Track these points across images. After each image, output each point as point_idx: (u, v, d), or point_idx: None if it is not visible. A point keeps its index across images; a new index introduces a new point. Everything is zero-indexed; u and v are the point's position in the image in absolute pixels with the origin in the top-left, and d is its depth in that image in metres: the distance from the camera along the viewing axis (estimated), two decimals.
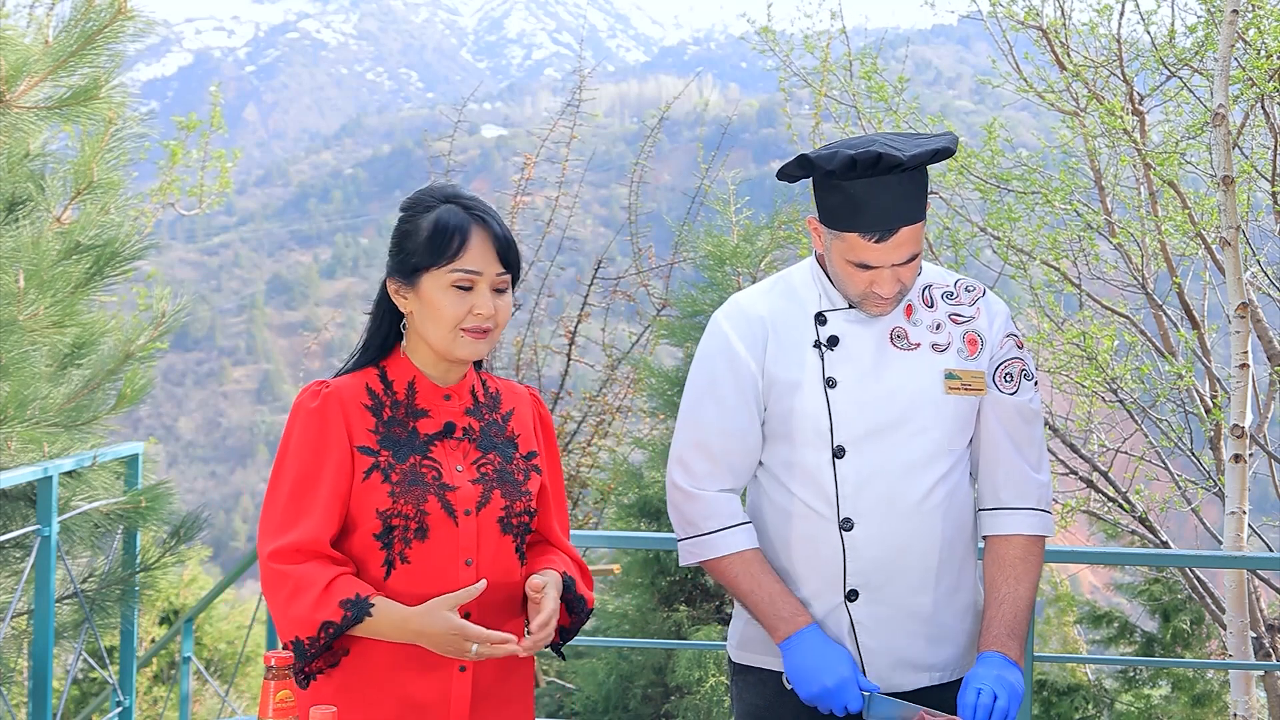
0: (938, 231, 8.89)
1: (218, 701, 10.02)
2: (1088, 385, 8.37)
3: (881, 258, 2.42)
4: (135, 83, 5.48)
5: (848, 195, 2.39)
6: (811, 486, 2.49)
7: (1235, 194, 5.97)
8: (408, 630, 2.18)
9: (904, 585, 2.49)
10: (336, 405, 2.27)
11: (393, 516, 2.23)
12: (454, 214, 2.28)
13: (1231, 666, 6.24)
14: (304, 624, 2.16)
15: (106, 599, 5.08)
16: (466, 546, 2.27)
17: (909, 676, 2.53)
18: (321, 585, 2.16)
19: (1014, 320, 2.63)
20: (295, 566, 2.18)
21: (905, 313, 2.54)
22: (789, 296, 2.58)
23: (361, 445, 2.26)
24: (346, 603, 2.16)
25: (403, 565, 2.24)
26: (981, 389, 2.54)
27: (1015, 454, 2.56)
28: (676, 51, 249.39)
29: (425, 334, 2.29)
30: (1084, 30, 8.64)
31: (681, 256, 8.13)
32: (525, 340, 8.12)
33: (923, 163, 2.40)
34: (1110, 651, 9.01)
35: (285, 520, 2.22)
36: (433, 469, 2.27)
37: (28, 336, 4.82)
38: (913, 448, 2.48)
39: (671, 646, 5.62)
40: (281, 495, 2.25)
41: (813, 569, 2.51)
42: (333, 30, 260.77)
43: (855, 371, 2.50)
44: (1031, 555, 2.55)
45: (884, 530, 2.47)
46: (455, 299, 2.26)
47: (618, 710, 6.30)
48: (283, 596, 2.17)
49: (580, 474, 7.68)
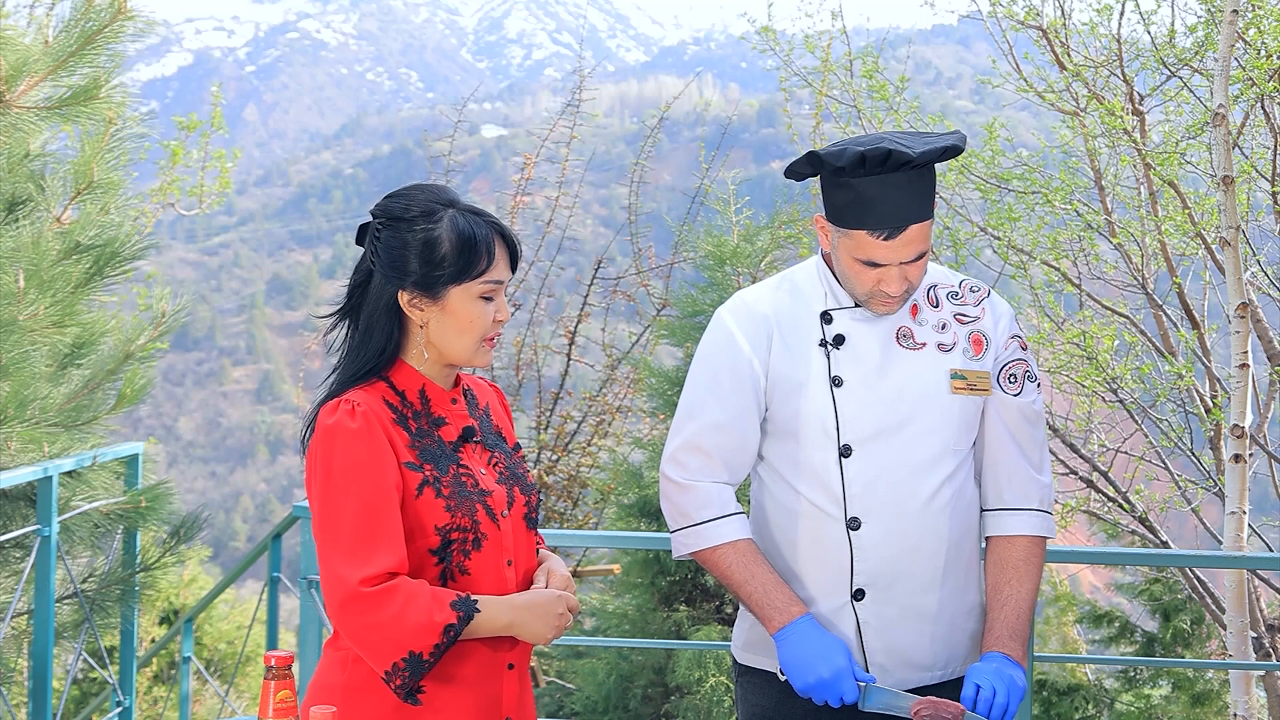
0: (938, 231, 8.88)
1: (218, 701, 10.02)
2: (1088, 385, 8.37)
3: (890, 255, 2.41)
4: (135, 83, 5.49)
5: (857, 193, 2.39)
6: (818, 486, 2.49)
7: (1235, 194, 5.97)
8: (516, 609, 2.21)
9: (911, 585, 2.49)
10: (377, 423, 2.20)
11: (452, 530, 2.21)
12: (473, 224, 2.25)
13: (1231, 666, 6.24)
14: (425, 632, 2.11)
15: (106, 599, 5.09)
16: (508, 547, 2.29)
17: (913, 675, 2.54)
18: (427, 592, 2.13)
19: (1017, 321, 2.63)
20: (391, 584, 2.12)
21: (911, 312, 2.54)
22: (794, 295, 2.56)
23: (406, 461, 2.21)
24: (455, 603, 2.14)
25: (462, 577, 2.22)
26: (987, 389, 2.53)
27: (1018, 455, 2.56)
28: (676, 51, 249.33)
29: (445, 344, 2.26)
30: (1084, 30, 8.63)
31: (681, 256, 8.13)
32: (525, 340, 8.11)
33: (932, 160, 2.39)
34: (1110, 651, 9.01)
35: (367, 549, 2.12)
36: (469, 476, 2.26)
37: (28, 336, 4.83)
38: (919, 447, 2.48)
39: (671, 646, 5.62)
40: (348, 523, 2.14)
41: (819, 568, 2.51)
42: (333, 30, 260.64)
43: (861, 371, 2.49)
44: (1034, 556, 2.56)
45: (891, 530, 2.47)
46: (482, 310, 2.25)
47: (618, 710, 6.30)
48: (391, 613, 2.09)
49: (580, 474, 7.68)
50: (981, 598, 2.62)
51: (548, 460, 7.64)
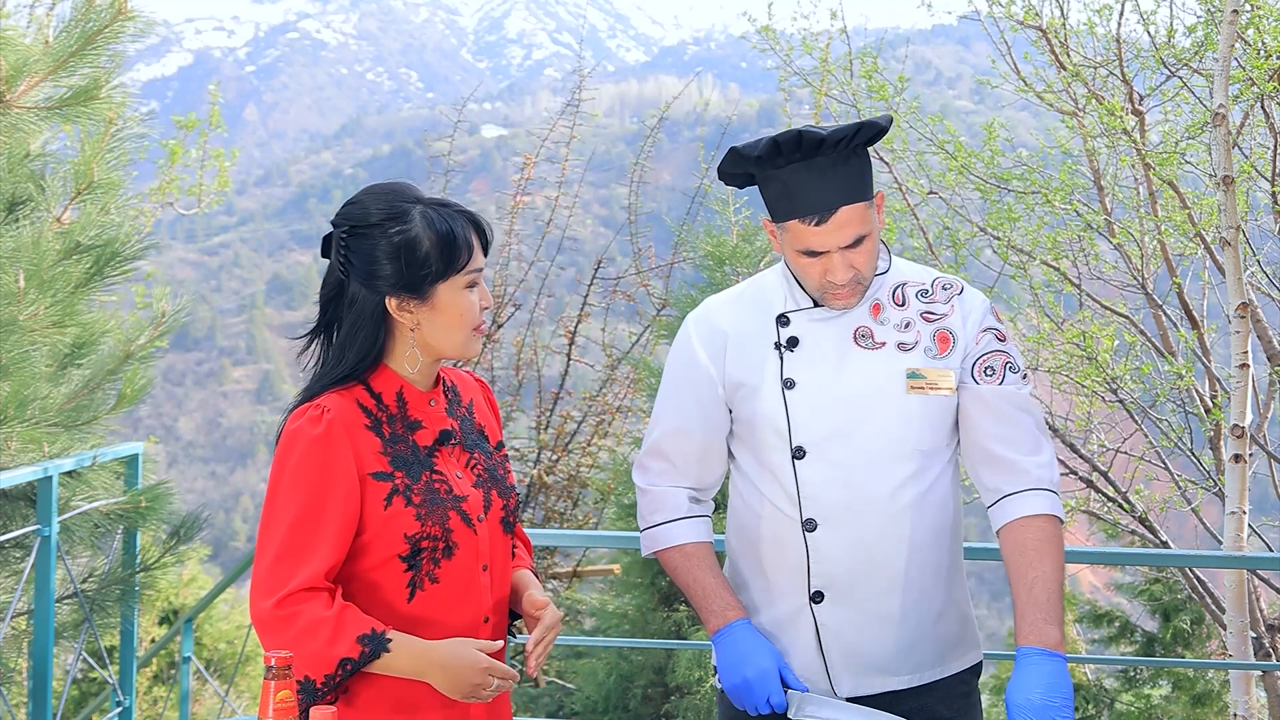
0: (937, 231, 8.89)
1: (218, 701, 10.02)
2: (1088, 385, 8.37)
3: (826, 241, 2.39)
4: (135, 83, 5.48)
5: (783, 183, 2.40)
6: (777, 488, 2.48)
7: (1235, 194, 5.97)
8: (429, 660, 2.12)
9: (871, 588, 2.45)
10: (341, 431, 2.15)
11: (422, 539, 2.17)
12: (447, 218, 2.21)
13: (1231, 666, 6.24)
14: (320, 661, 2.08)
15: (106, 599, 5.08)
16: (483, 553, 2.26)
17: (877, 680, 2.49)
18: (333, 621, 2.08)
19: (995, 314, 2.56)
20: (300, 606, 2.08)
21: (872, 312, 2.51)
22: (756, 300, 2.58)
23: (375, 471, 2.16)
24: (363, 638, 2.09)
25: (431, 585, 2.19)
26: (950, 389, 2.47)
27: (1000, 444, 2.47)
28: (676, 51, 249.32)
29: (438, 341, 2.23)
30: (1083, 30, 8.64)
31: (681, 256, 8.12)
32: (525, 340, 8.11)
33: (846, 138, 2.37)
34: (1110, 651, 9.02)
35: (289, 565, 2.10)
36: (442, 482, 2.22)
37: (28, 336, 4.82)
38: (876, 448, 2.44)
39: (671, 646, 5.62)
40: (279, 535, 2.12)
41: (780, 570, 2.50)
42: (333, 30, 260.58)
43: (814, 372, 2.48)
44: (1047, 534, 2.42)
45: (847, 532, 2.44)
46: (469, 300, 2.23)
47: (618, 710, 6.30)
48: (290, 636, 2.07)
49: (580, 474, 7.67)
50: (953, 602, 2.55)
51: (548, 460, 7.64)
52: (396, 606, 2.19)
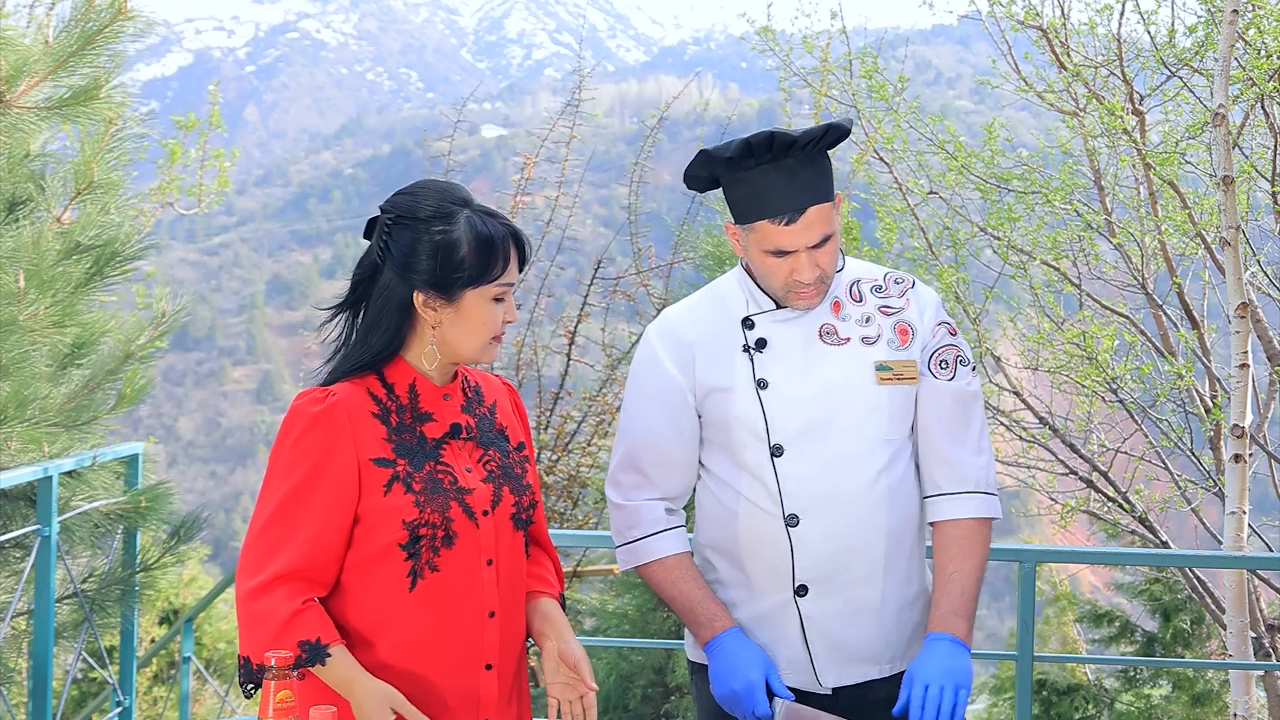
0: (937, 231, 8.89)
1: (218, 701, 10.03)
2: (1088, 385, 8.37)
3: (795, 240, 2.45)
4: (135, 83, 5.48)
5: (752, 185, 2.45)
6: (757, 485, 2.52)
7: (1235, 194, 5.97)
8: (350, 689, 2.13)
9: (851, 578, 2.51)
10: (344, 415, 2.19)
11: (420, 526, 2.20)
12: (491, 227, 2.24)
13: (1231, 666, 6.24)
14: (257, 651, 2.12)
15: (106, 599, 5.08)
16: (487, 547, 2.27)
17: (861, 669, 2.55)
18: (284, 619, 2.12)
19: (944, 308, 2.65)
20: (266, 596, 2.13)
21: (833, 309, 2.57)
22: (716, 307, 2.61)
23: (377, 457, 2.20)
24: (305, 644, 2.12)
25: (431, 574, 2.21)
26: (914, 378, 2.55)
27: (950, 441, 2.56)
28: (676, 51, 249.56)
29: (455, 343, 2.26)
30: (1083, 30, 8.64)
31: (681, 256, 8.11)
32: (525, 340, 8.10)
33: (815, 140, 2.43)
34: (1110, 651, 9.02)
35: (269, 546, 2.16)
36: (447, 473, 2.24)
37: (28, 336, 4.83)
38: (851, 441, 2.50)
39: (671, 646, 5.62)
40: (267, 511, 2.18)
41: (762, 566, 2.53)
42: (333, 30, 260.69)
43: (785, 371, 2.53)
44: (977, 536, 2.55)
45: (829, 524, 2.49)
46: (494, 312, 2.26)
47: (618, 710, 6.31)
48: (244, 619, 2.14)
49: (580, 474, 7.67)
50: (927, 587, 2.63)
51: (548, 460, 7.63)
52: (399, 595, 2.21)
